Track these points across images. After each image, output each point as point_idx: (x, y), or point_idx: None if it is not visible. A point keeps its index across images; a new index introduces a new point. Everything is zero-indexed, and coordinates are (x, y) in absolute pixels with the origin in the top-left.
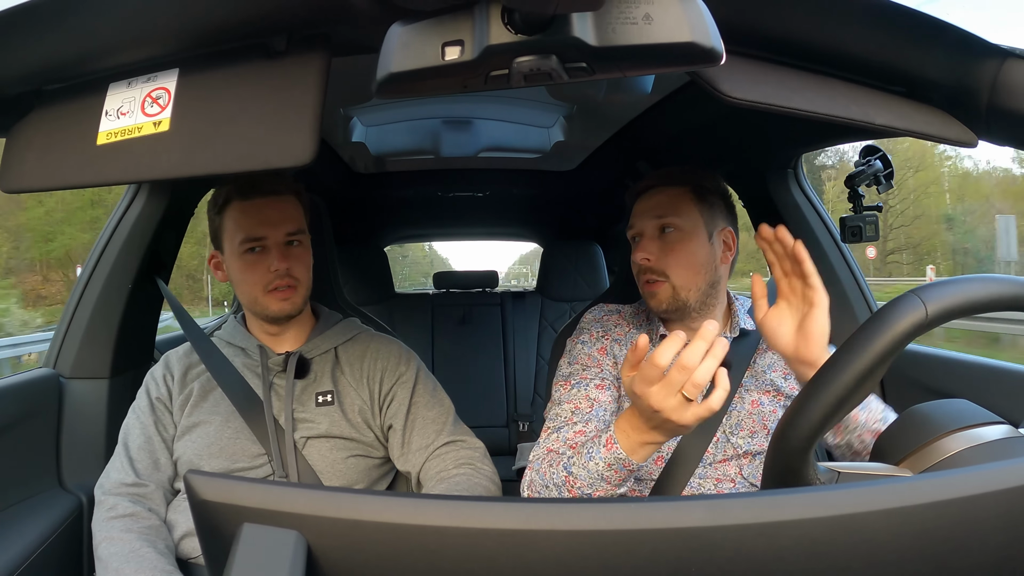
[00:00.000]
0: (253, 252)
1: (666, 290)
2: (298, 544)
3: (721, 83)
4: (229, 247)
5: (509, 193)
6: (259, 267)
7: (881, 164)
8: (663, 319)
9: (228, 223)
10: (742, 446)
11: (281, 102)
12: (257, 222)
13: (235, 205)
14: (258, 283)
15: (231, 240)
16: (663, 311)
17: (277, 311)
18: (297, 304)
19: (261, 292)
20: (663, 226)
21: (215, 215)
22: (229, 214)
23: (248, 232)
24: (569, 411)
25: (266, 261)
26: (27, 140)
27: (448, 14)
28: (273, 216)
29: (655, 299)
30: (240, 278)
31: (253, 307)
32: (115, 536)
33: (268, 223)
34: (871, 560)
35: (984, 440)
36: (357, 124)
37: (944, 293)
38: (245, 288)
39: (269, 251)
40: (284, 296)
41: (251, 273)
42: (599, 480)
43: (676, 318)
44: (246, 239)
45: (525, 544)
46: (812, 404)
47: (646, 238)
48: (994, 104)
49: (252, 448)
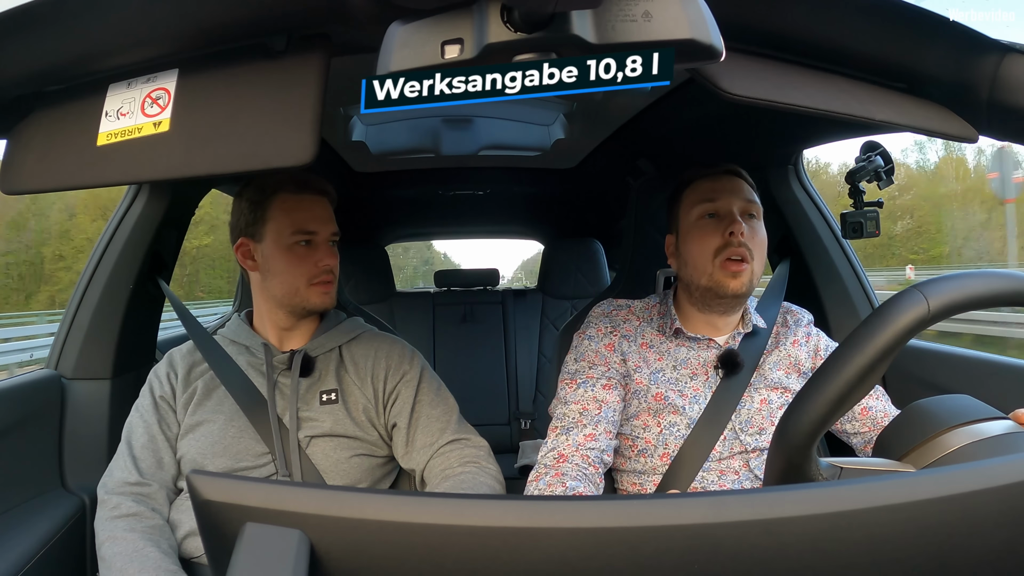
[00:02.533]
0: (303, 245)
1: (748, 273)
2: (301, 543)
3: (721, 80)
4: (274, 237)
5: (510, 191)
6: (308, 260)
7: (882, 160)
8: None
9: (276, 213)
10: (751, 443)
11: (281, 102)
12: (310, 217)
13: (285, 197)
14: (304, 275)
15: (278, 230)
16: (739, 294)
17: (319, 304)
18: (335, 299)
19: (305, 284)
20: (748, 209)
21: (255, 204)
22: (277, 205)
23: (301, 225)
24: (577, 412)
25: (314, 256)
26: (27, 141)
27: (447, 13)
28: (323, 214)
29: (738, 280)
30: (284, 268)
31: (292, 298)
32: (119, 536)
33: (319, 220)
34: (874, 556)
35: (986, 435)
36: (357, 123)
37: (946, 288)
38: (287, 279)
39: (318, 247)
40: (326, 290)
41: (299, 265)
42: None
43: (720, 307)
44: (298, 231)
45: (529, 542)
46: (814, 400)
47: (735, 219)
48: (995, 99)
49: (256, 447)
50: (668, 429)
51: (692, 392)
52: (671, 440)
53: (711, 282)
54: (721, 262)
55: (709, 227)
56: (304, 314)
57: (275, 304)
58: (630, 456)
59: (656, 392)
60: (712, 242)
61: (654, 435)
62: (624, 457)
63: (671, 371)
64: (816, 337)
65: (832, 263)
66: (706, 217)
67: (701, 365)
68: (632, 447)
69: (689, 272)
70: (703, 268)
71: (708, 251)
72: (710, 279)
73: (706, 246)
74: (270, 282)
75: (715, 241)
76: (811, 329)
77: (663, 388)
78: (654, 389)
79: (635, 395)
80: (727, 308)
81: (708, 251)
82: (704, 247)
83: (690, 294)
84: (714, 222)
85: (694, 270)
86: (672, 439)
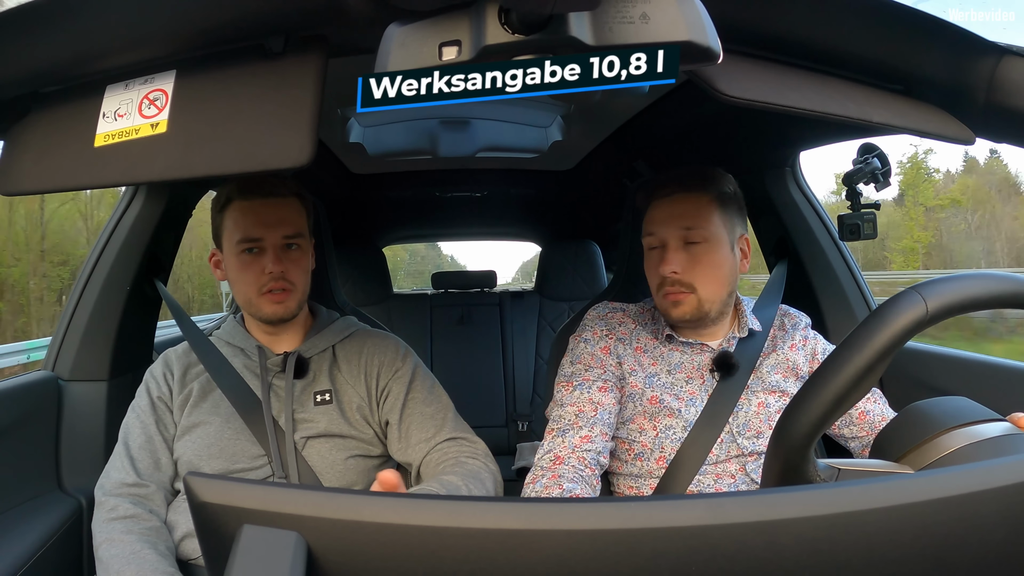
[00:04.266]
0: (249, 253)
1: (691, 301)
2: (298, 545)
3: (719, 82)
4: (227, 246)
5: (507, 193)
6: (254, 268)
7: (879, 162)
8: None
9: (228, 222)
10: (748, 447)
11: (279, 103)
12: (255, 223)
13: (235, 204)
14: (252, 284)
15: (229, 239)
16: (685, 321)
17: (270, 314)
18: (291, 308)
19: (255, 293)
20: (689, 237)
21: (217, 213)
22: (229, 213)
23: (245, 232)
24: (573, 414)
25: (261, 262)
26: (25, 142)
27: (445, 14)
28: (271, 218)
29: (678, 310)
30: (236, 277)
31: (248, 308)
32: (116, 538)
33: (265, 224)
34: (871, 557)
35: (983, 437)
36: (354, 125)
37: (944, 290)
38: (240, 288)
39: (265, 252)
40: (277, 299)
41: (246, 273)
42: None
43: (691, 326)
44: (243, 239)
45: (525, 544)
46: (812, 401)
47: (671, 249)
48: (991, 101)
49: (252, 449)
50: (664, 432)
51: (688, 395)
52: (667, 444)
53: (661, 310)
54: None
55: (652, 260)
56: (271, 322)
57: (246, 312)
58: (626, 460)
59: (652, 396)
60: (654, 277)
61: (650, 439)
62: (620, 461)
63: (666, 375)
64: (814, 340)
65: (829, 265)
66: (651, 249)
67: (696, 369)
68: (628, 451)
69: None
70: (655, 298)
71: (654, 283)
72: (660, 307)
73: (652, 278)
74: (233, 291)
75: (655, 277)
76: (808, 332)
77: (659, 392)
78: (649, 393)
79: (631, 398)
80: (696, 325)
81: (654, 283)
82: (651, 281)
83: None
84: (656, 255)
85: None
86: (668, 442)
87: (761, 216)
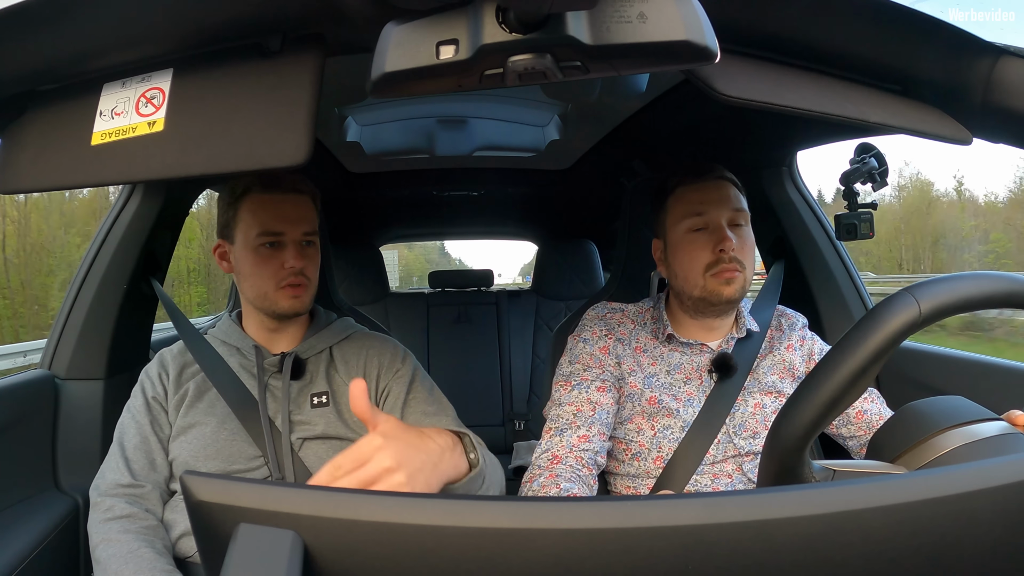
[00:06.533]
0: (269, 247)
1: (740, 280)
2: (295, 544)
3: (716, 81)
4: (242, 239)
5: (504, 192)
6: (273, 262)
7: (876, 162)
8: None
9: (244, 214)
10: (744, 447)
11: (276, 102)
12: (277, 217)
13: (254, 197)
14: (271, 278)
15: (246, 232)
16: (731, 301)
17: (287, 308)
18: (306, 303)
19: (273, 288)
20: (735, 219)
21: (228, 205)
22: (246, 205)
23: (266, 226)
24: (571, 413)
25: (281, 257)
26: (21, 141)
27: (442, 13)
28: (293, 213)
29: (731, 287)
30: (251, 271)
31: (262, 302)
32: (113, 537)
33: (287, 219)
34: (867, 557)
35: (979, 437)
36: (352, 123)
37: (938, 291)
38: (256, 282)
39: (286, 248)
40: (295, 294)
41: (265, 267)
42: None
43: (713, 313)
44: (264, 232)
45: (523, 543)
46: (806, 402)
47: (725, 227)
48: (988, 102)
49: (248, 450)
50: (662, 432)
51: (686, 396)
52: (665, 443)
53: (704, 292)
54: (713, 274)
55: (699, 241)
56: (284, 317)
57: (252, 307)
58: (624, 459)
59: (650, 396)
60: (702, 257)
61: (648, 438)
62: (618, 460)
63: (665, 376)
64: (811, 341)
65: (826, 265)
66: (695, 231)
67: (695, 370)
68: (626, 450)
69: (680, 283)
70: (694, 281)
71: (698, 266)
72: (703, 290)
73: (696, 261)
74: (243, 285)
75: (705, 257)
76: (805, 333)
77: (657, 392)
78: (648, 393)
79: (629, 398)
80: (720, 312)
81: (698, 266)
82: (694, 263)
83: (682, 302)
84: (703, 236)
85: (684, 282)
86: (666, 442)
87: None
